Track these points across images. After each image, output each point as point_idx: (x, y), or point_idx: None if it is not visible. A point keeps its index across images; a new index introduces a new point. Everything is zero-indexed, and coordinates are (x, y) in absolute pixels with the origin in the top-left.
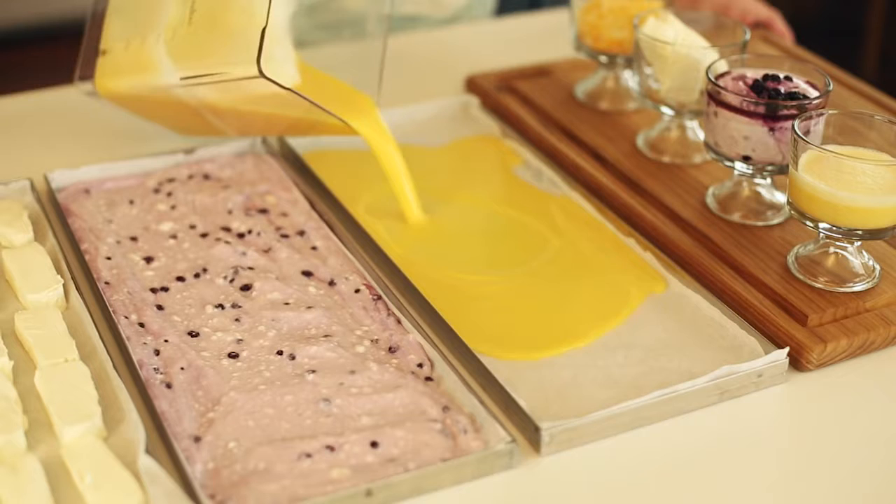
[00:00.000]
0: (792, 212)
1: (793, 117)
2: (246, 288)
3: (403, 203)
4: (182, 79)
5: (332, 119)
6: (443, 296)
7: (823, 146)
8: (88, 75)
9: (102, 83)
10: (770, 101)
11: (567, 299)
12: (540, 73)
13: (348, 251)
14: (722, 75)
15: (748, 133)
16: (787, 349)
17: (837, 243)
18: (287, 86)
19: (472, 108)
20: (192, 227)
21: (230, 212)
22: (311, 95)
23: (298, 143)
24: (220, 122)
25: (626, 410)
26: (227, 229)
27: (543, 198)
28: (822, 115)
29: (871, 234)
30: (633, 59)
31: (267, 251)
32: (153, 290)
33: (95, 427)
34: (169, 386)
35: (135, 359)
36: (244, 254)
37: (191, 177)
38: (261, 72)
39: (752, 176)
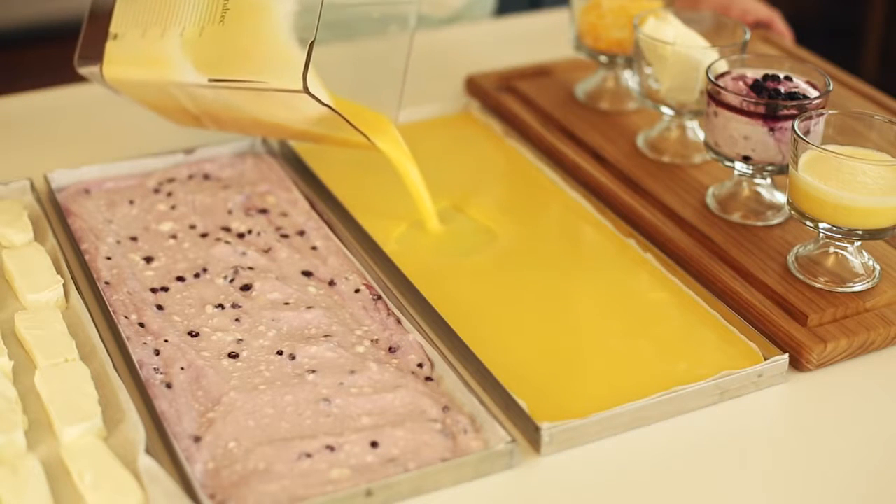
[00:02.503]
0: (792, 212)
1: (793, 117)
2: (246, 288)
3: (424, 214)
4: (211, 80)
5: (340, 134)
6: (443, 296)
7: (823, 146)
8: (90, 56)
9: (110, 69)
10: (770, 101)
11: (568, 298)
12: (540, 73)
13: (348, 251)
14: (722, 75)
15: (748, 133)
16: (786, 356)
17: (837, 243)
18: (328, 103)
19: (472, 109)
20: (192, 227)
21: (230, 212)
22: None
23: (298, 143)
24: (217, 126)
25: (626, 410)
26: (227, 229)
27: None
28: (822, 115)
29: (871, 234)
30: (633, 59)
31: (267, 251)
32: (153, 290)
33: (95, 427)
34: (169, 386)
35: (135, 359)
36: (244, 254)
37: (191, 177)
38: (306, 87)
39: (752, 176)
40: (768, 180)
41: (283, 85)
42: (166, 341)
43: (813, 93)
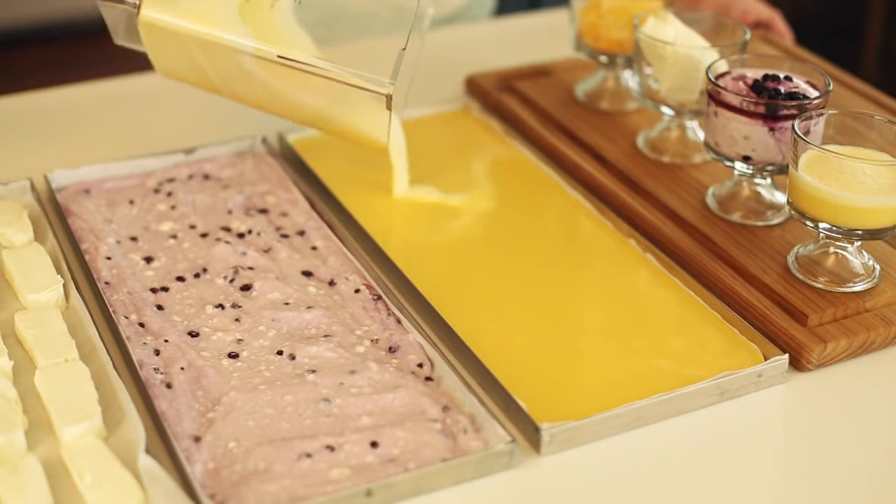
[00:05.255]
0: (792, 212)
1: (793, 117)
2: (246, 288)
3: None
4: (280, 57)
5: (347, 129)
6: (443, 296)
7: (823, 146)
8: None
9: (150, 11)
10: (770, 101)
11: (568, 298)
12: (540, 73)
13: (348, 251)
14: (722, 75)
15: (748, 133)
16: (786, 356)
17: (837, 243)
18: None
19: (472, 109)
20: (192, 227)
21: (230, 212)
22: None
23: (298, 143)
24: (229, 93)
25: (626, 410)
26: (227, 229)
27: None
28: (822, 115)
29: (871, 234)
30: (633, 59)
31: (267, 251)
32: (153, 290)
33: (95, 427)
34: (169, 386)
35: (135, 359)
36: (244, 254)
37: (191, 177)
38: (389, 96)
39: (752, 176)
40: (768, 180)
41: (366, 85)
42: (166, 341)
43: (813, 93)
